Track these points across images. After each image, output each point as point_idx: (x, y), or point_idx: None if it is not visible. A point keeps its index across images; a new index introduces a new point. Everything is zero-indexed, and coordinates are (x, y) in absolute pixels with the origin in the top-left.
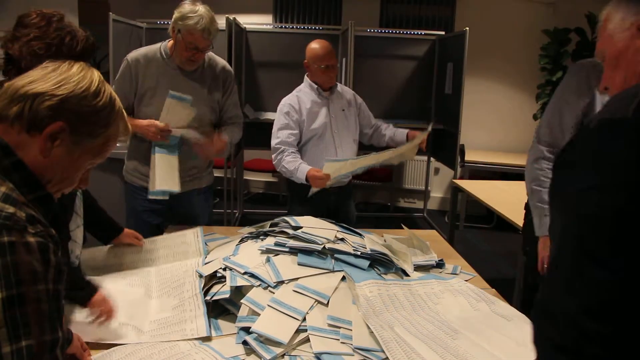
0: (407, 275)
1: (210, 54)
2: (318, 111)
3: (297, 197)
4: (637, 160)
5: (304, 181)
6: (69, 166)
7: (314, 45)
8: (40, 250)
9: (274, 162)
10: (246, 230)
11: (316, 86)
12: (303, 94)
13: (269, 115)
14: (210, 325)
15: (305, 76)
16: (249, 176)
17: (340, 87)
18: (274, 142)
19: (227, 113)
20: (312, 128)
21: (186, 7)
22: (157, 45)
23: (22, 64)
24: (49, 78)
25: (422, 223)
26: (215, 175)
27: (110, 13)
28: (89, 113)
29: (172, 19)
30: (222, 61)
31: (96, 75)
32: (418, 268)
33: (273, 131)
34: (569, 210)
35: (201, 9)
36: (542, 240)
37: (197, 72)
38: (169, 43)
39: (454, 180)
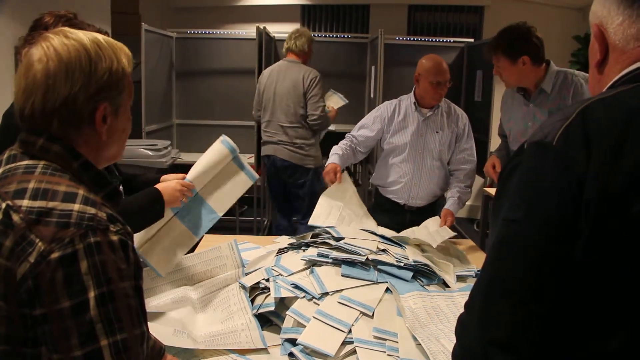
0: (447, 286)
1: None
2: (406, 127)
3: (378, 207)
4: (557, 192)
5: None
6: (124, 123)
7: (427, 59)
8: (122, 248)
9: None
10: (282, 240)
11: (414, 100)
12: (403, 103)
13: None
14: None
15: (415, 87)
16: None
17: (450, 108)
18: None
19: None
20: (390, 140)
21: None
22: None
23: None
24: (56, 81)
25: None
26: None
27: (143, 23)
28: (108, 77)
29: None
30: None
31: (81, 40)
32: (458, 279)
33: (359, 123)
34: (494, 235)
35: None
36: None
37: None
38: None
39: (485, 189)
